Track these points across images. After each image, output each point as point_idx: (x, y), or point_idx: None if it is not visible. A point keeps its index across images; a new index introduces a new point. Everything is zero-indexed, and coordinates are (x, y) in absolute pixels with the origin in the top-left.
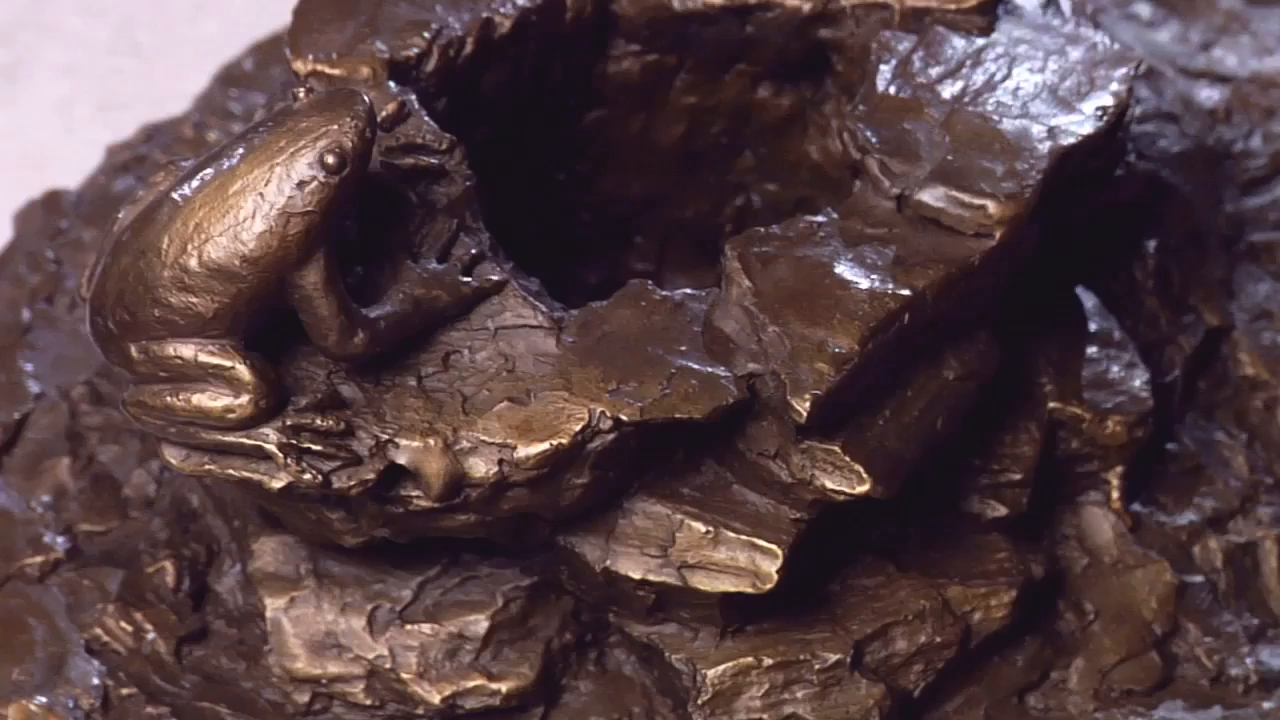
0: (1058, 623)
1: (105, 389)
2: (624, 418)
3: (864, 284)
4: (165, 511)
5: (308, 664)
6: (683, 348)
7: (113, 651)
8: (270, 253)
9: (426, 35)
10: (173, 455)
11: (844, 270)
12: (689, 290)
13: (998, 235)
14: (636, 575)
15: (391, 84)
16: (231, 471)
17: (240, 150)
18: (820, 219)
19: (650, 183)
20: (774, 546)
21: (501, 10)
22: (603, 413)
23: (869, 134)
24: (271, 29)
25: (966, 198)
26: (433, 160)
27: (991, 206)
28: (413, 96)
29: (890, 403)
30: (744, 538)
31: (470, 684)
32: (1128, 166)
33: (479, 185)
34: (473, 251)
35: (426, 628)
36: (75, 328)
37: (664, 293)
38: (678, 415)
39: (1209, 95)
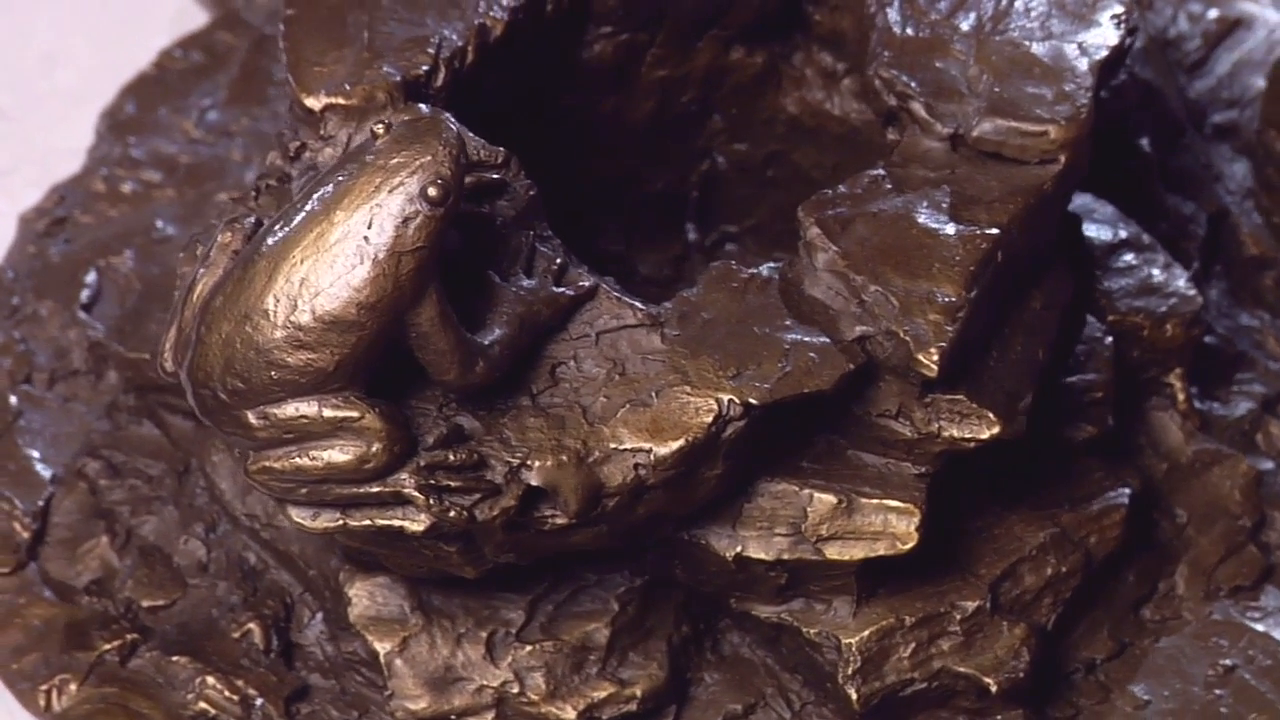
0: (1154, 532)
1: (118, 460)
2: (753, 401)
3: (950, 229)
4: (225, 574)
5: (432, 702)
6: (787, 322)
7: None
8: (386, 296)
9: (430, 51)
10: (301, 517)
11: (925, 219)
12: (771, 264)
13: (1063, 159)
14: (770, 557)
15: (422, 106)
16: (368, 522)
17: (327, 196)
18: (879, 171)
19: (619, 161)
20: (909, 505)
21: (491, 14)
22: (731, 400)
23: (905, 79)
24: (132, 68)
25: (1026, 126)
26: (493, 175)
27: (1053, 131)
28: (447, 115)
29: (995, 343)
30: (876, 501)
31: (603, 694)
32: (1129, 71)
33: (540, 193)
34: (558, 261)
35: (548, 645)
36: (60, 404)
37: (749, 270)
38: (805, 390)
39: None
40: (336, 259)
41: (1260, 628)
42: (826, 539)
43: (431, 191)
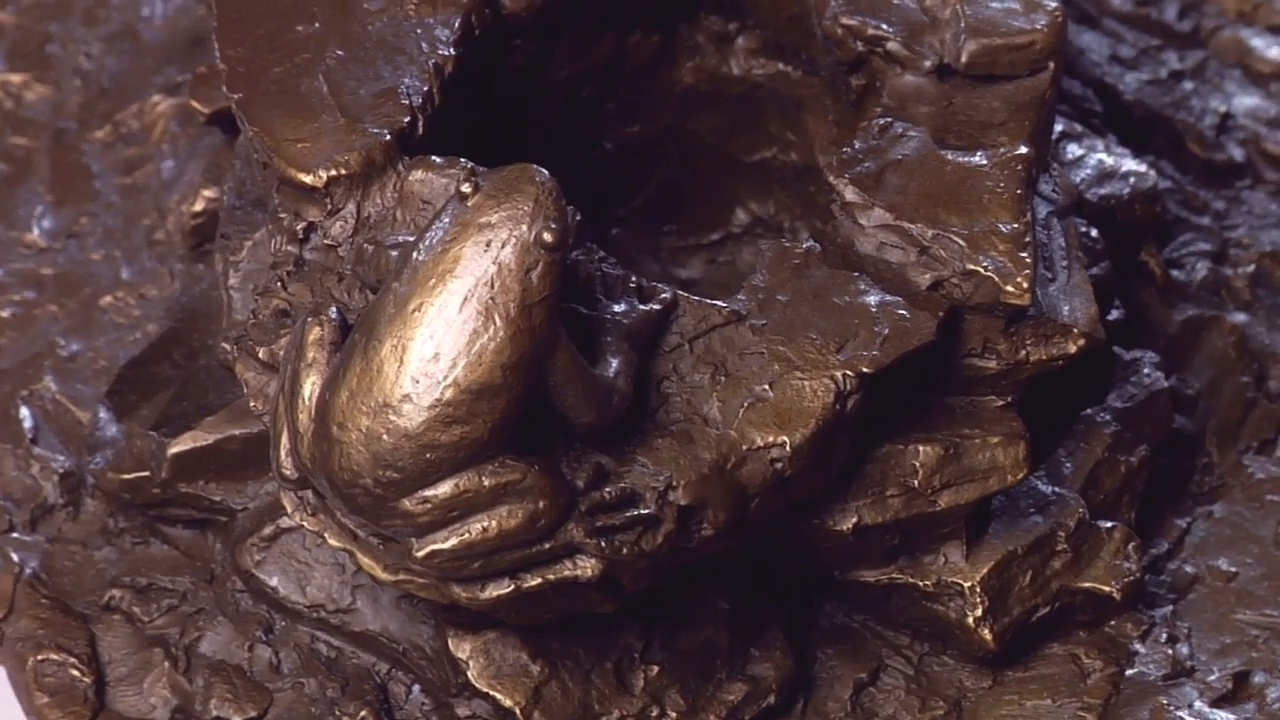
0: (1181, 406)
1: (141, 584)
2: (867, 370)
3: (979, 159)
4: (304, 671)
5: None
6: (862, 287)
7: None
8: (526, 351)
9: (405, 102)
10: (468, 592)
11: (952, 155)
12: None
13: (1051, 65)
14: (887, 519)
15: (435, 157)
16: (540, 580)
17: (436, 265)
18: (883, 119)
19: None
20: (1013, 436)
21: (439, 52)
22: (845, 375)
23: (873, 22)
24: None
25: (1013, 40)
26: None
27: (1040, 40)
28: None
29: (1043, 259)
30: (979, 440)
31: (739, 694)
32: None
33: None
34: (633, 280)
35: (674, 660)
36: (51, 544)
37: (804, 244)
38: (912, 347)
39: None
40: (468, 325)
41: None
42: (940, 489)
43: (546, 236)
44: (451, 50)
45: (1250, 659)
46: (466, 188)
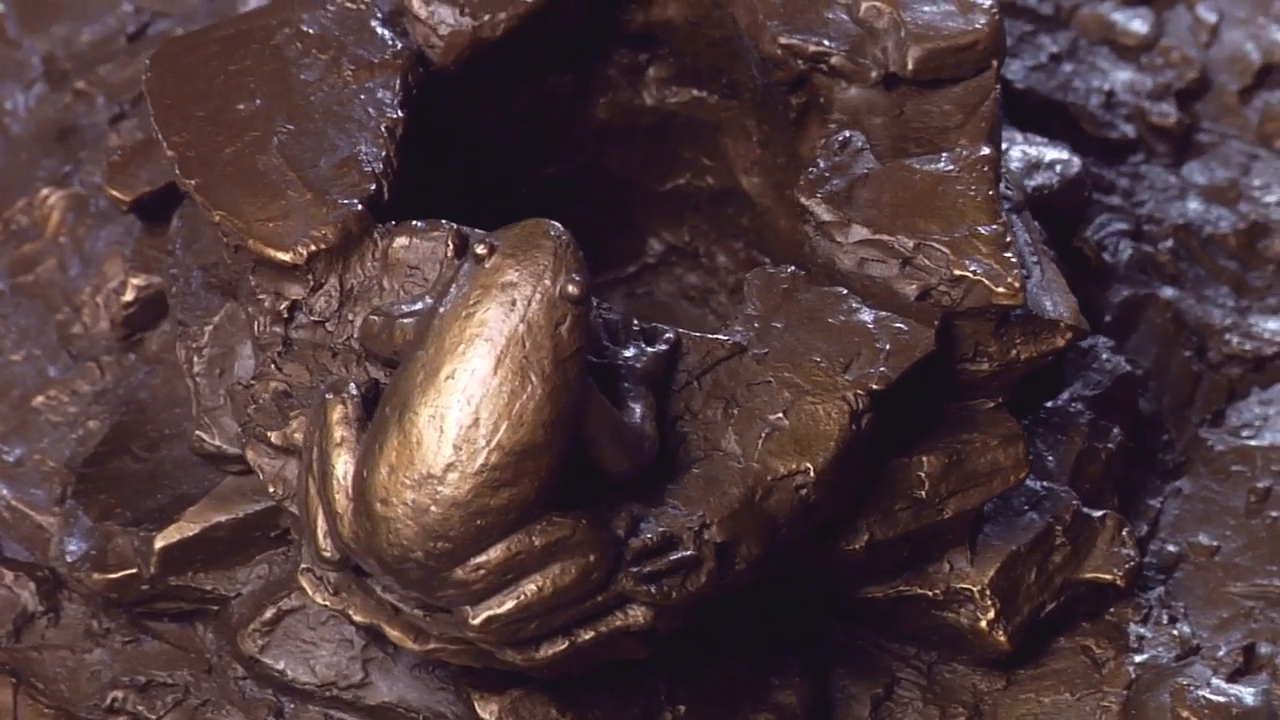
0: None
1: (140, 682)
2: (877, 388)
3: (946, 165)
4: None
5: None
6: (854, 305)
7: None
8: (565, 406)
9: (368, 170)
10: (523, 654)
11: (916, 162)
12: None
13: (995, 63)
14: (898, 532)
15: (416, 222)
16: (593, 634)
17: (463, 330)
18: (843, 134)
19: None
20: (1011, 436)
21: (388, 115)
22: (857, 394)
23: (814, 39)
24: None
25: (956, 42)
26: None
27: (981, 40)
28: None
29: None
30: (979, 444)
31: None
32: None
33: None
34: (635, 323)
35: (699, 696)
36: (39, 654)
37: (784, 271)
38: (916, 359)
39: None
40: (505, 387)
41: (1255, 442)
42: (946, 497)
43: (571, 289)
44: (399, 112)
45: (1251, 630)
46: (481, 249)
